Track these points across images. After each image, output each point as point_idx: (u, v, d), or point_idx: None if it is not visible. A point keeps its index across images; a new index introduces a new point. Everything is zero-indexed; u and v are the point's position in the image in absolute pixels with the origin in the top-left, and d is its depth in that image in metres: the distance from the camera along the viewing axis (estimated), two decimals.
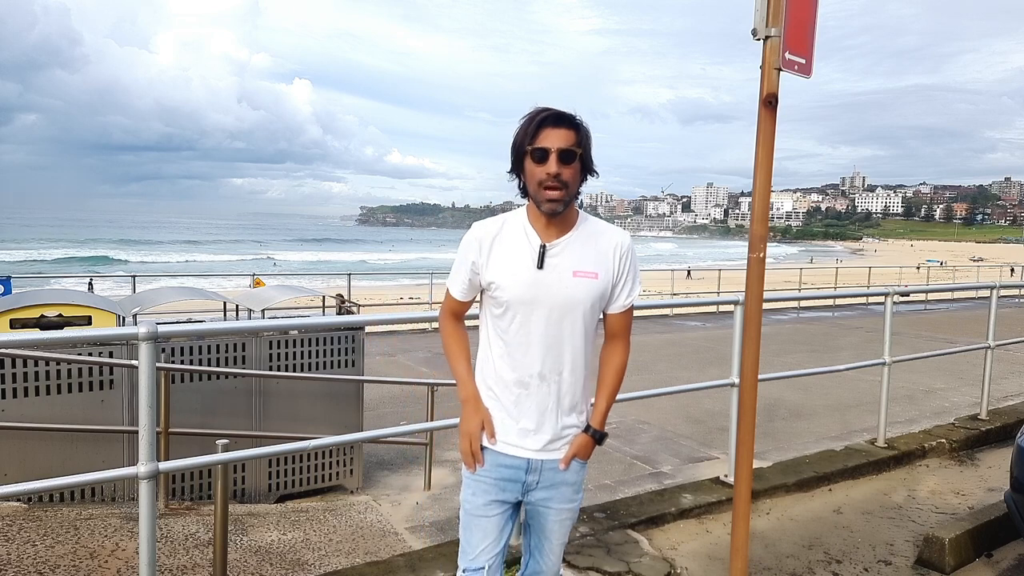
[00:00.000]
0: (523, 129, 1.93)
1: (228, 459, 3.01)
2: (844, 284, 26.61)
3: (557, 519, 2.13)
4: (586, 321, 2.02)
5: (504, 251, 2.00)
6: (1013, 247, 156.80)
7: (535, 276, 1.96)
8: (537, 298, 1.96)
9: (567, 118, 1.92)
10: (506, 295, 1.98)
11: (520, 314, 1.98)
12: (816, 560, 3.67)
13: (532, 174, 1.92)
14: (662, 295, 20.22)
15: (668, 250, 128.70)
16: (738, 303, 4.08)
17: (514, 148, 1.96)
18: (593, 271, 1.99)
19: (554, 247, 1.97)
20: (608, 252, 2.03)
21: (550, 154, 1.88)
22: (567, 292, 1.96)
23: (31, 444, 4.16)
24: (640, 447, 6.07)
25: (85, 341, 4.19)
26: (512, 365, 2.02)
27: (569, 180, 1.91)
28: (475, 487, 2.09)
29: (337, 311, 8.35)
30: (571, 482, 2.11)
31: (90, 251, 74.50)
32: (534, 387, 2.02)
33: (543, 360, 2.00)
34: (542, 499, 2.10)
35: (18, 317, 5.48)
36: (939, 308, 19.39)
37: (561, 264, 1.97)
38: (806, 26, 2.56)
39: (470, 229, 2.06)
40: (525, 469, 2.06)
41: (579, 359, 2.05)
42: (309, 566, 3.76)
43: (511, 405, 2.05)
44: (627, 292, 2.09)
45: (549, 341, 1.99)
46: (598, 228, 2.07)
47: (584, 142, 1.93)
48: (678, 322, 15.29)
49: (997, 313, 5.94)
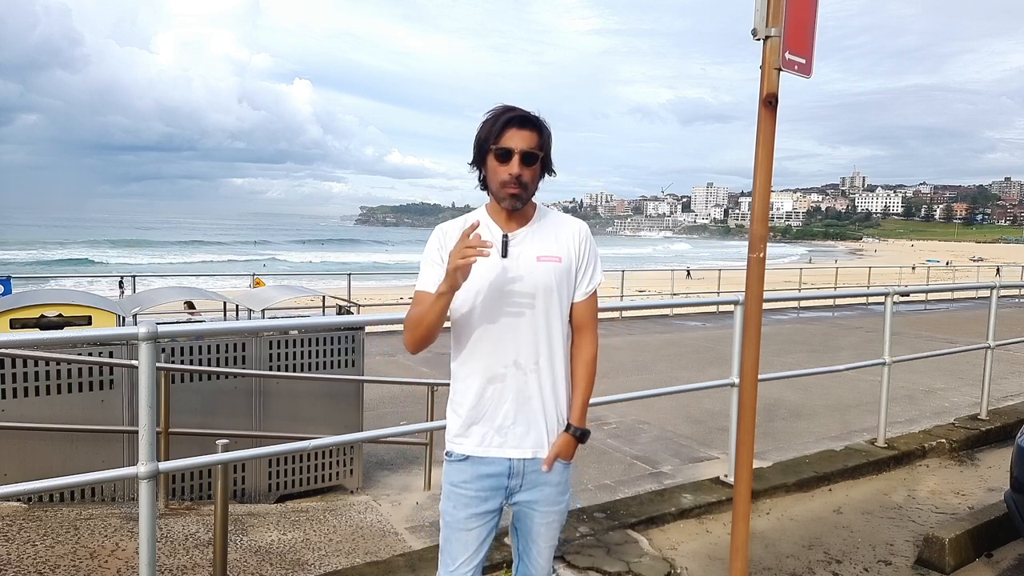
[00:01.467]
0: (488, 127, 1.97)
1: (228, 459, 3.01)
2: (844, 284, 26.62)
3: (543, 521, 2.12)
4: (557, 306, 2.04)
5: None
6: (1013, 247, 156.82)
7: (500, 264, 1.99)
8: (504, 285, 1.99)
9: (531, 120, 1.97)
10: (475, 286, 1.97)
11: (490, 303, 2.00)
12: (816, 560, 3.67)
13: (495, 172, 1.97)
14: (662, 295, 20.22)
15: (683, 251, 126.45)
16: (738, 303, 4.08)
17: (477, 144, 2.01)
18: (556, 255, 2.04)
19: (516, 236, 2.03)
20: (568, 237, 2.08)
21: (513, 155, 1.94)
22: (533, 278, 2.00)
23: (31, 444, 4.16)
24: (640, 447, 6.07)
25: (85, 341, 4.19)
26: (486, 358, 2.02)
27: (529, 181, 1.97)
28: (456, 500, 2.07)
29: (337, 311, 8.35)
30: (555, 483, 2.09)
31: (70, 253, 72.24)
32: (511, 378, 2.01)
33: (517, 348, 2.01)
34: (527, 501, 2.09)
35: (18, 317, 5.48)
36: (939, 308, 19.39)
37: (524, 251, 2.02)
38: (806, 26, 2.56)
39: (434, 229, 2.10)
40: (507, 474, 2.04)
41: (556, 346, 2.05)
42: (309, 566, 3.76)
43: (488, 403, 2.03)
44: (589, 276, 2.12)
45: (521, 328, 2.01)
46: (556, 218, 2.13)
47: (546, 144, 2.00)
48: (678, 322, 15.29)
49: (997, 313, 5.94)
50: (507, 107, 2.00)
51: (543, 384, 2.04)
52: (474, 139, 2.02)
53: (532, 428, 2.04)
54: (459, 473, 2.07)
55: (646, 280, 26.76)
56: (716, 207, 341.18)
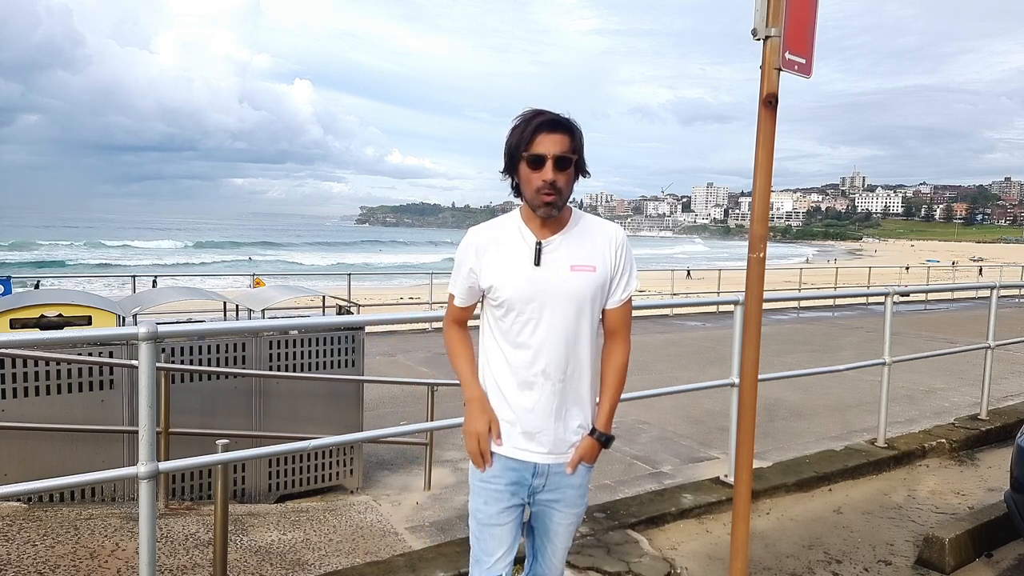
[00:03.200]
0: (518, 133, 1.93)
1: (228, 459, 3.01)
2: (844, 284, 26.62)
3: (563, 522, 2.13)
4: (588, 316, 2.02)
5: (501, 253, 2.01)
6: (1013, 247, 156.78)
7: (533, 273, 1.97)
8: (537, 295, 1.96)
9: (563, 123, 1.92)
10: (506, 294, 1.98)
11: (522, 313, 1.98)
12: (816, 560, 3.67)
13: (528, 179, 1.93)
14: (662, 295, 20.22)
15: (701, 252, 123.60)
16: (738, 303, 4.08)
17: (508, 151, 1.97)
18: (590, 264, 2.00)
19: (550, 243, 1.99)
20: (604, 245, 2.04)
21: (546, 161, 1.89)
22: (566, 287, 1.97)
23: (31, 444, 4.16)
24: (640, 447, 6.07)
25: (85, 341, 4.18)
26: (515, 366, 2.02)
27: (564, 186, 1.92)
28: (486, 495, 2.08)
29: (337, 311, 8.34)
30: (577, 485, 2.11)
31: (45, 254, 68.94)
32: (539, 386, 2.01)
33: (547, 358, 2.00)
34: (549, 501, 2.10)
35: (18, 317, 5.48)
36: (939, 308, 19.39)
37: (558, 260, 1.98)
38: (806, 26, 2.56)
39: (466, 235, 2.07)
40: (532, 473, 2.06)
41: (584, 356, 2.04)
42: (309, 566, 3.76)
43: (516, 408, 2.04)
44: (624, 284, 2.09)
45: (552, 338, 1.99)
46: (592, 223, 2.08)
47: (578, 146, 1.95)
48: (678, 322, 15.29)
49: (997, 313, 5.94)
50: (537, 111, 1.95)
51: (569, 393, 2.04)
52: (504, 146, 1.98)
53: (558, 434, 2.05)
54: (488, 469, 2.07)
55: (646, 280, 26.74)
56: (716, 207, 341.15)
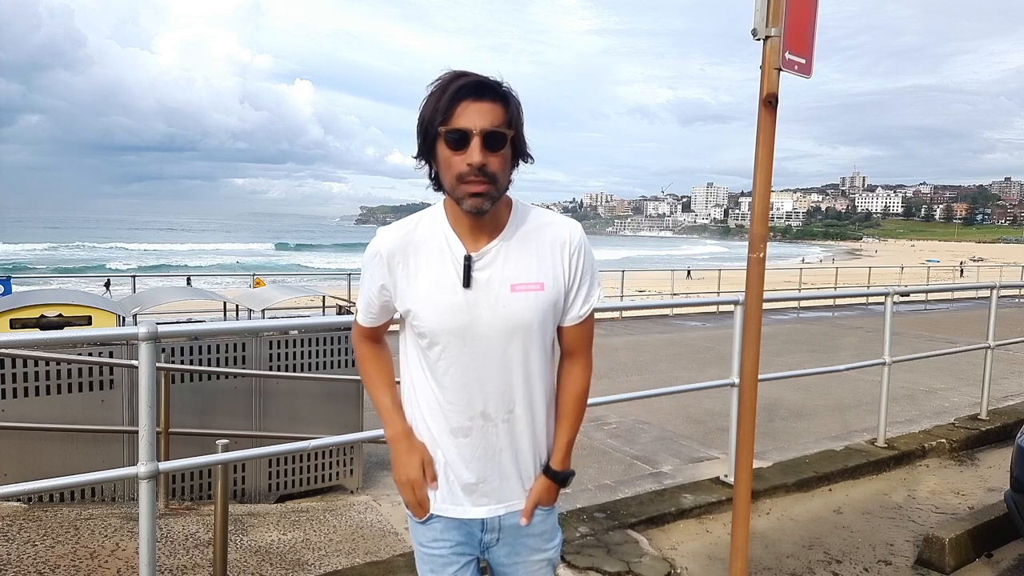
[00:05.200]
0: (432, 102, 1.45)
1: (228, 459, 3.01)
2: (844, 284, 26.62)
3: (529, 571, 1.76)
4: (538, 343, 1.60)
5: (420, 267, 1.57)
6: (1013, 247, 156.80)
7: (462, 298, 1.53)
8: (468, 326, 1.54)
9: (491, 88, 1.46)
10: (427, 326, 1.56)
11: (451, 346, 1.56)
12: (816, 560, 3.67)
13: (448, 164, 1.46)
14: (662, 295, 20.22)
15: (719, 253, 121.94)
16: (738, 303, 4.08)
17: (420, 126, 1.49)
18: (537, 281, 1.56)
19: (482, 257, 1.54)
20: (556, 252, 1.59)
21: (471, 137, 1.42)
22: (505, 313, 1.54)
23: (31, 444, 4.16)
24: (640, 447, 6.07)
25: (85, 341, 4.18)
26: (448, 408, 1.61)
27: (497, 171, 1.46)
28: (431, 563, 1.70)
29: (337, 311, 8.35)
30: (538, 532, 1.73)
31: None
32: (477, 431, 1.61)
33: (486, 398, 1.59)
34: (507, 554, 1.72)
35: (18, 317, 5.49)
36: (939, 308, 19.39)
37: (494, 277, 1.54)
38: (806, 26, 2.56)
39: (374, 238, 1.62)
40: (480, 528, 1.68)
41: (535, 390, 1.63)
42: (309, 566, 3.76)
43: (451, 457, 1.63)
44: (583, 298, 1.65)
45: (492, 374, 1.57)
46: (539, 221, 1.62)
47: (515, 119, 1.49)
48: (678, 322, 15.30)
49: (997, 313, 5.94)
50: (457, 73, 1.46)
51: (519, 434, 1.64)
52: (417, 124, 1.50)
53: (505, 482, 1.66)
54: (426, 532, 1.70)
55: (646, 280, 26.76)
56: (716, 207, 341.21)
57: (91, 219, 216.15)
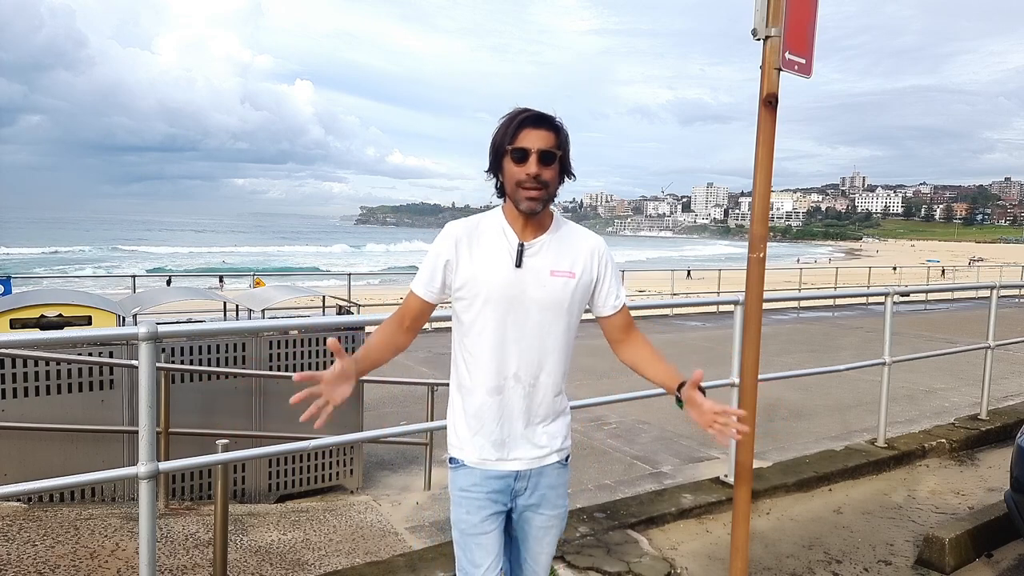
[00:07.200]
0: (503, 129, 1.92)
1: (228, 459, 3.01)
2: (844, 284, 26.62)
3: (544, 525, 2.10)
4: (564, 322, 2.00)
5: (482, 249, 1.98)
6: (1013, 247, 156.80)
7: (514, 275, 1.94)
8: (515, 297, 1.94)
9: (547, 119, 1.92)
10: (483, 292, 1.94)
11: (496, 313, 1.95)
12: (816, 560, 3.67)
13: (511, 174, 1.91)
14: (662, 295, 20.22)
15: (728, 253, 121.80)
16: (738, 303, 4.08)
17: (493, 148, 1.95)
18: (570, 270, 1.99)
19: (532, 246, 1.97)
20: (585, 254, 2.03)
21: (530, 155, 1.88)
22: (545, 291, 1.95)
23: (31, 444, 4.16)
24: (640, 447, 6.07)
25: (85, 341, 4.19)
26: (487, 370, 1.98)
27: (549, 180, 1.91)
28: (468, 505, 2.03)
29: (337, 311, 8.35)
30: (556, 484, 2.09)
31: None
32: (508, 390, 1.98)
33: (519, 362, 1.97)
34: (530, 504, 2.07)
35: (18, 317, 5.49)
36: (939, 308, 19.39)
37: (539, 263, 1.96)
38: (806, 26, 2.57)
39: (445, 227, 2.03)
40: (513, 478, 2.03)
41: (557, 362, 2.01)
42: (309, 566, 3.76)
43: (487, 415, 2.00)
44: (615, 291, 2.10)
45: (527, 342, 1.96)
46: (574, 231, 2.08)
47: (564, 144, 1.94)
48: (678, 322, 15.30)
49: (997, 313, 5.94)
50: (522, 109, 1.95)
51: (543, 399, 2.01)
52: (490, 145, 1.97)
53: (530, 440, 2.02)
54: (466, 477, 2.03)
55: (646, 280, 26.77)
56: (716, 207, 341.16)
57: (92, 219, 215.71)
